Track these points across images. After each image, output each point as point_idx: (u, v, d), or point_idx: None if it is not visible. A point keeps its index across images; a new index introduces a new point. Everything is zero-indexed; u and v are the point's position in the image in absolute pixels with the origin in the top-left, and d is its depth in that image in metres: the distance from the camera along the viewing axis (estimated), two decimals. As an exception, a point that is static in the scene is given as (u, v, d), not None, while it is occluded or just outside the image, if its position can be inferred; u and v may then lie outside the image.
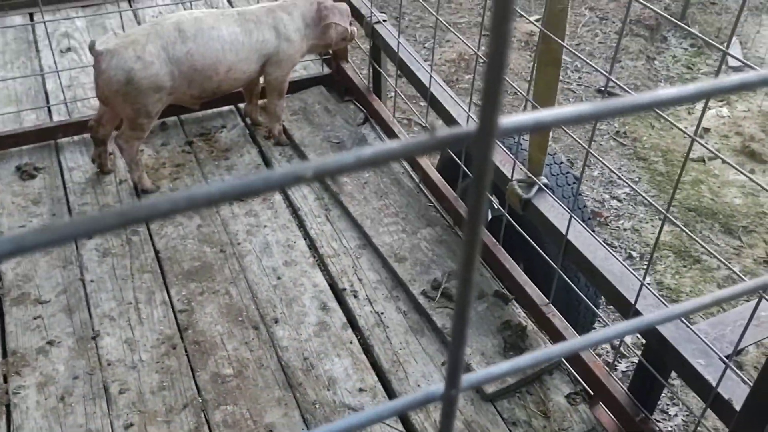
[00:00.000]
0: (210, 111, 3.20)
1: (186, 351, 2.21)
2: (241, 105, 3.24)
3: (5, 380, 2.13)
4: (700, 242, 1.76)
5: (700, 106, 5.39)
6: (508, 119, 0.27)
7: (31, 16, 3.86)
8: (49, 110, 3.21)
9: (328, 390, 2.12)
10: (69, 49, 3.64)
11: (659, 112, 2.09)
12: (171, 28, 2.59)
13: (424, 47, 5.66)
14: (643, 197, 1.76)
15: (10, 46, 3.67)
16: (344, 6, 2.98)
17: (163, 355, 2.19)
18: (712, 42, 1.49)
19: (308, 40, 2.89)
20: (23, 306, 2.34)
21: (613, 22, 6.36)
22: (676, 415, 2.91)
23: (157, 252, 2.54)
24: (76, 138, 3.05)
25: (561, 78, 2.10)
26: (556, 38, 1.90)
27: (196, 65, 2.62)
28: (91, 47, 2.53)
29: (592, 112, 0.28)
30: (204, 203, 0.26)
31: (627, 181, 1.81)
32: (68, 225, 0.24)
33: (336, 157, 0.26)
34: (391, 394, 2.13)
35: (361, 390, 2.13)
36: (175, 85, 2.61)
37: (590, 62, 1.93)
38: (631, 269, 1.97)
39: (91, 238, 2.57)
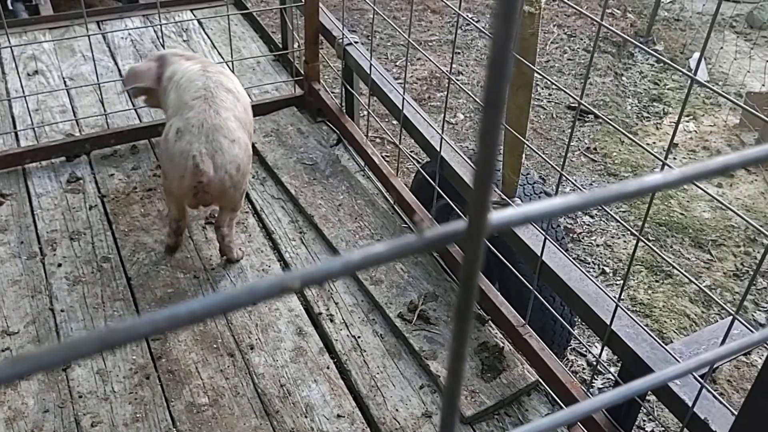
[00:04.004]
0: (181, 134, 3.17)
1: (160, 380, 2.17)
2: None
3: (-28, 415, 2.07)
4: (670, 261, 1.78)
5: (667, 120, 5.49)
6: (497, 216, 0.26)
7: (-4, 38, 3.80)
8: (17, 135, 3.16)
9: (306, 417, 2.10)
10: (36, 72, 3.58)
11: (625, 132, 2.11)
12: (220, 89, 2.37)
13: (396, 65, 5.69)
14: (615, 218, 1.77)
15: (-24, 70, 3.61)
16: None
17: (136, 385, 2.15)
18: (677, 68, 1.51)
19: None
20: (-9, 338, 2.28)
21: (581, 39, 6.46)
22: (652, 431, 2.93)
23: (128, 279, 2.50)
24: (44, 163, 3.00)
25: (532, 95, 2.12)
26: (527, 63, 1.92)
27: (249, 113, 2.49)
28: (197, 169, 2.23)
29: (580, 203, 0.28)
30: (188, 321, 0.25)
31: (605, 208, 1.83)
32: (91, 337, 0.23)
33: (323, 264, 0.26)
34: (369, 419, 2.11)
35: (339, 416, 2.11)
36: (249, 144, 2.46)
37: (560, 81, 1.95)
38: (605, 289, 1.98)
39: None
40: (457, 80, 2.37)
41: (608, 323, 1.86)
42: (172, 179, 2.33)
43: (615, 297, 1.88)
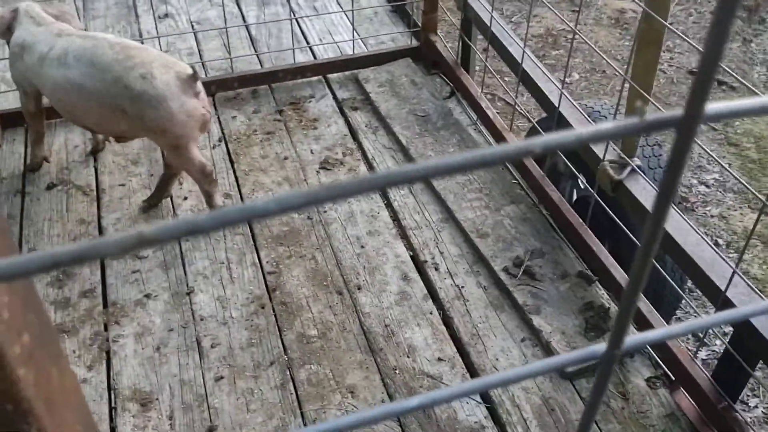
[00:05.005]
0: (300, 80, 3.27)
1: (274, 311, 2.30)
2: (330, 75, 3.31)
3: (106, 329, 2.27)
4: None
5: (798, 91, 5.14)
6: (712, 106, 0.29)
7: (131, -18, 4.01)
8: (148, 74, 3.34)
9: (408, 357, 2.18)
10: (167, 15, 3.76)
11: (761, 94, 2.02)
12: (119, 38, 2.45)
13: (511, 21, 5.58)
14: (744, 185, 1.72)
15: (111, 11, 3.83)
16: None
17: (252, 313, 2.29)
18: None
19: None
20: (123, 260, 2.47)
21: (709, 1, 6.10)
22: (756, 407, 2.85)
23: (247, 215, 2.63)
24: (172, 102, 3.16)
25: (659, 54, 2.05)
26: (659, 18, 1.86)
27: None
28: (196, 75, 2.33)
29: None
30: (432, 173, 0.28)
31: (726, 167, 1.77)
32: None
33: (557, 135, 0.29)
34: (469, 365, 2.16)
35: (440, 359, 2.17)
36: None
37: (683, 44, 1.88)
38: (723, 256, 1.93)
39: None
40: (575, 39, 2.32)
41: (723, 290, 1.82)
42: (190, 115, 2.33)
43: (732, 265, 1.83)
